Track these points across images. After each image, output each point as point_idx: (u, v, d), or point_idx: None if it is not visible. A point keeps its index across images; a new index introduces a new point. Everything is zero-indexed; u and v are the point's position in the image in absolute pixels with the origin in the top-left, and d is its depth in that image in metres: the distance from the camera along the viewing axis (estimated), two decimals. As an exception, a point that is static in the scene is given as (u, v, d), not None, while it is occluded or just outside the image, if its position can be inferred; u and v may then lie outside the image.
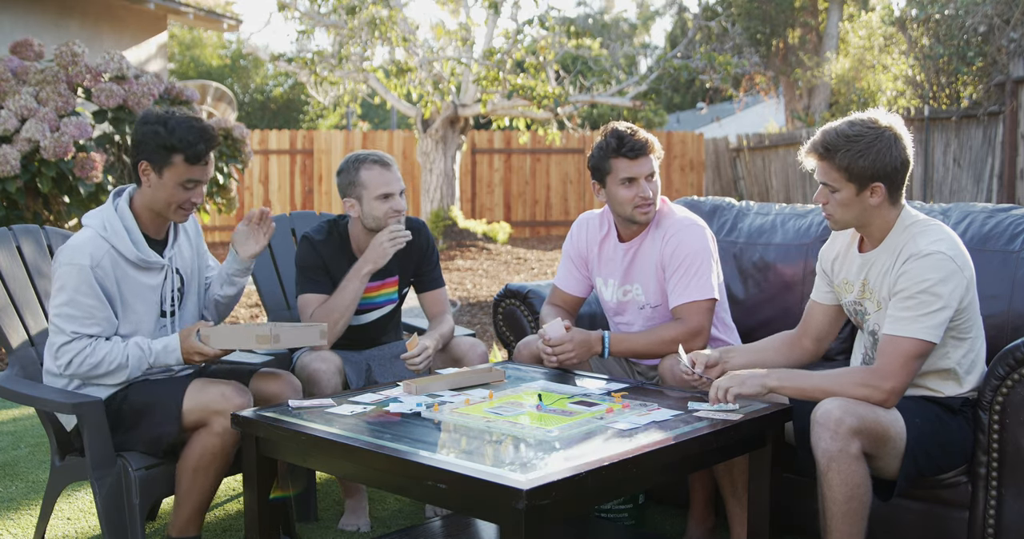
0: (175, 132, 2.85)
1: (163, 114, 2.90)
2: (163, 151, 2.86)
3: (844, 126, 2.71)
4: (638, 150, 3.18)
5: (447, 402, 2.73)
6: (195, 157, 2.88)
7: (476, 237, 12.77)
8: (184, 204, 2.93)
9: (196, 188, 2.93)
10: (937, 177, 11.56)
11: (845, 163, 2.67)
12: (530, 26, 12.32)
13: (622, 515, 3.32)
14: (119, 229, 2.90)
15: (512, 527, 2.07)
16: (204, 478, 2.86)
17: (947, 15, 11.74)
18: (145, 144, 2.88)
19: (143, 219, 2.97)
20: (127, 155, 7.04)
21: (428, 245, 3.62)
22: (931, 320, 2.61)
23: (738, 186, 16.69)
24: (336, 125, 27.28)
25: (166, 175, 2.88)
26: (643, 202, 3.22)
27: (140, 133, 2.89)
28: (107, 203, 2.96)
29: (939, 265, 2.63)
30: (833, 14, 17.62)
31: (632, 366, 3.43)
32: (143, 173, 2.90)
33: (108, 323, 2.87)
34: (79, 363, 2.82)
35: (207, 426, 2.82)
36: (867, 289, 2.81)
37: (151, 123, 2.88)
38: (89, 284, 2.82)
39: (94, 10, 10.10)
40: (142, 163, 2.89)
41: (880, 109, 2.81)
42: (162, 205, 2.93)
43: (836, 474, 2.53)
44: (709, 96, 22.81)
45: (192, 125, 2.87)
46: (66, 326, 2.82)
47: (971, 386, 2.78)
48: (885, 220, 2.77)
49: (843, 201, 2.72)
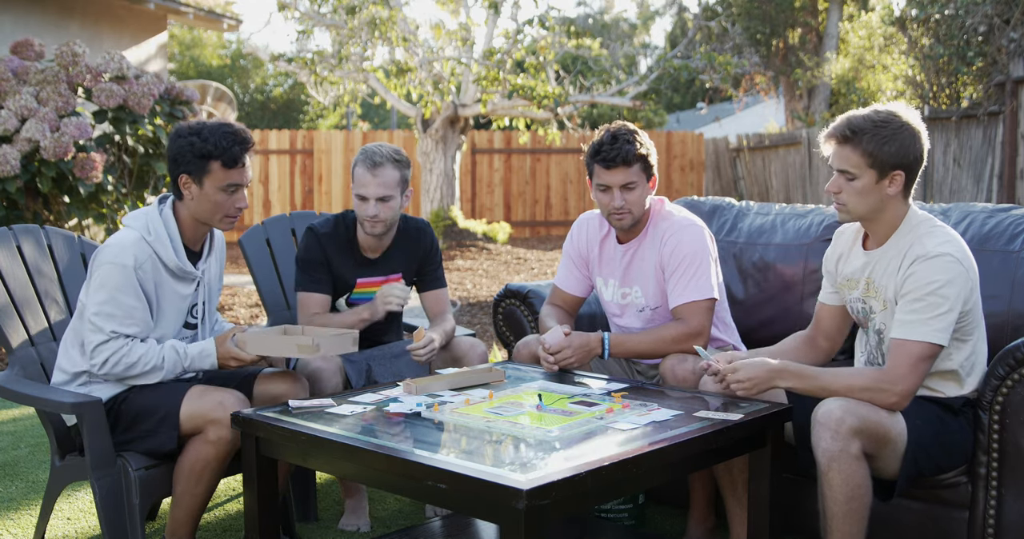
0: (208, 139, 2.88)
1: (195, 125, 2.93)
2: (200, 160, 2.89)
3: (869, 113, 2.71)
4: (610, 161, 3.16)
5: (447, 402, 2.73)
6: (232, 161, 2.90)
7: (476, 237, 12.77)
8: (230, 211, 2.96)
9: (238, 192, 2.95)
10: (937, 177, 11.55)
11: (871, 147, 2.66)
12: (530, 26, 12.32)
13: (622, 515, 3.32)
14: (163, 235, 2.93)
15: (512, 527, 2.07)
16: (197, 485, 2.85)
17: (947, 15, 11.73)
18: (182, 157, 2.90)
19: (184, 229, 3.00)
20: (127, 155, 7.04)
21: (432, 245, 3.63)
22: (939, 322, 2.61)
23: (738, 186, 16.70)
24: (336, 125, 27.28)
25: (206, 183, 2.91)
26: (615, 210, 3.21)
27: (175, 147, 2.91)
28: (151, 207, 2.98)
29: (947, 267, 2.63)
30: (833, 14, 17.62)
31: (632, 366, 3.43)
32: (184, 187, 2.93)
33: (146, 325, 2.89)
34: (115, 362, 2.83)
35: (203, 433, 2.82)
36: (872, 287, 2.81)
37: (184, 136, 2.91)
38: (131, 284, 2.84)
39: (94, 10, 10.10)
40: (182, 177, 2.92)
41: (900, 103, 2.81)
42: (207, 215, 2.96)
43: (837, 474, 2.53)
44: (709, 96, 22.83)
45: (224, 130, 2.91)
46: (105, 325, 2.82)
47: (972, 387, 2.78)
48: (895, 215, 2.76)
49: (861, 189, 2.70)
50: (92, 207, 6.78)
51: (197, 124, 2.94)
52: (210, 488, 2.89)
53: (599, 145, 3.18)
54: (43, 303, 3.21)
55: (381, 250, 3.55)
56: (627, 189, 3.18)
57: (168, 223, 2.97)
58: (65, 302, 3.28)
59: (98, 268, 2.87)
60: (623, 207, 3.19)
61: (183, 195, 2.95)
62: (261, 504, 2.69)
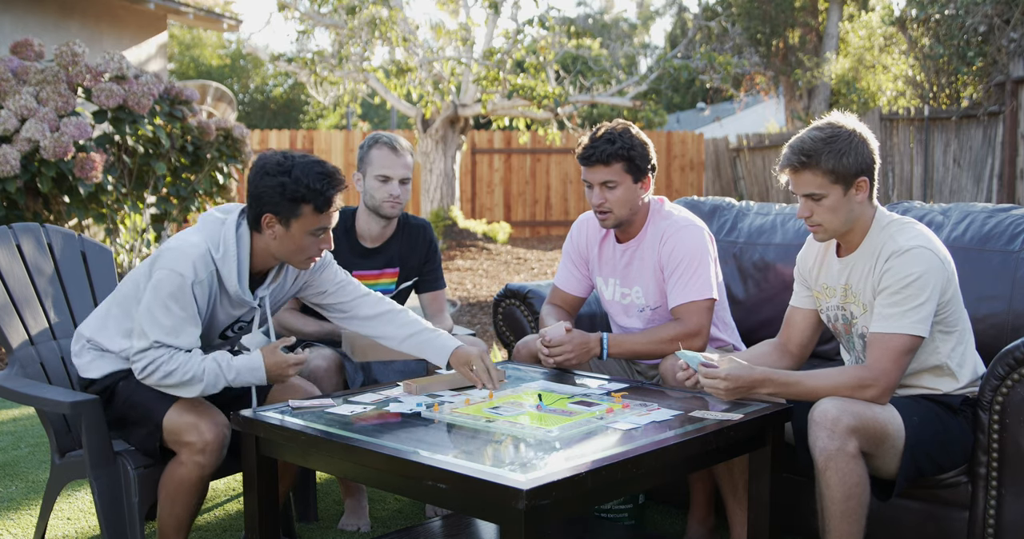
0: (300, 181, 2.67)
1: (284, 162, 2.70)
2: (290, 203, 2.68)
3: (813, 133, 2.71)
4: (586, 159, 3.18)
5: (447, 402, 2.73)
6: (326, 205, 2.71)
7: (476, 237, 12.77)
8: (314, 254, 2.78)
9: (325, 234, 2.77)
10: (937, 177, 11.56)
11: (831, 165, 2.66)
12: (530, 26, 12.32)
13: (622, 515, 3.32)
14: (231, 258, 2.75)
15: (512, 527, 2.07)
16: (172, 505, 2.78)
17: (947, 15, 11.74)
18: (268, 197, 2.69)
19: (254, 255, 2.80)
20: (127, 155, 7.05)
21: (431, 246, 3.64)
22: (917, 314, 2.62)
23: (738, 186, 16.70)
24: (336, 125, 27.28)
25: (294, 226, 2.71)
26: (596, 207, 3.23)
27: (262, 186, 2.70)
28: (230, 222, 2.77)
29: (921, 259, 2.64)
30: (833, 14, 17.62)
31: (632, 366, 3.43)
32: (267, 225, 2.72)
33: (192, 338, 2.73)
34: (152, 370, 2.69)
35: (176, 455, 2.76)
36: (850, 293, 2.81)
37: (272, 175, 2.69)
38: (185, 297, 2.69)
39: (94, 10, 10.10)
40: (266, 216, 2.71)
41: (834, 112, 2.82)
42: (287, 255, 2.78)
43: (834, 473, 2.53)
44: (709, 96, 22.82)
45: (317, 171, 2.69)
46: (150, 332, 2.69)
47: (967, 380, 2.78)
48: (866, 219, 2.78)
49: (832, 206, 2.71)
50: (92, 207, 6.79)
51: (285, 160, 2.71)
52: (189, 508, 2.79)
53: (583, 142, 3.22)
54: (43, 302, 3.21)
55: (382, 240, 3.56)
56: (607, 187, 3.18)
57: (242, 244, 2.77)
58: (65, 301, 3.27)
59: (157, 270, 2.72)
60: (603, 205, 3.20)
61: (263, 230, 2.74)
62: (261, 504, 2.69)
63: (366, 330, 3.03)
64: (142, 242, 7.40)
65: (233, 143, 7.79)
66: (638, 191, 3.22)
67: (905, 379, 2.77)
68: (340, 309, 3.03)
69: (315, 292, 3.02)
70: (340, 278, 3.02)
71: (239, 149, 7.82)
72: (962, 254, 3.18)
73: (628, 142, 3.17)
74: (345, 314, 3.03)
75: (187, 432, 2.73)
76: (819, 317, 2.98)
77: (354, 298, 3.03)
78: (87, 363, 2.93)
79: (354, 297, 3.03)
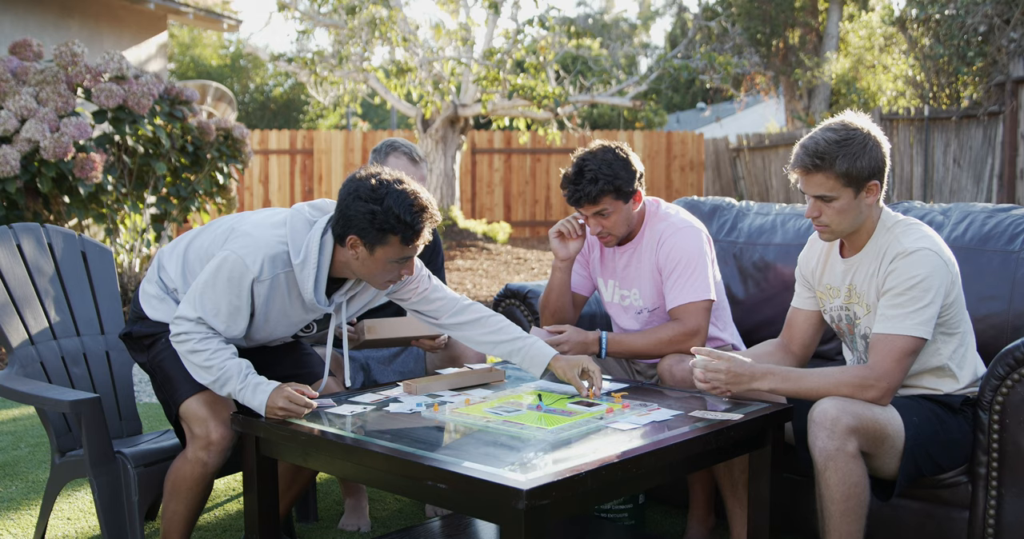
0: (391, 211, 2.57)
1: (378, 189, 2.59)
2: (378, 232, 2.60)
3: (827, 134, 2.67)
4: (575, 201, 3.17)
5: (447, 402, 2.73)
6: (413, 238, 2.64)
7: (476, 237, 12.77)
8: (394, 278, 2.72)
9: (408, 263, 2.71)
10: (937, 177, 11.55)
11: (844, 168, 2.64)
12: (530, 26, 12.33)
13: (622, 515, 3.32)
14: (311, 266, 2.67)
15: (512, 527, 2.07)
16: (174, 501, 2.78)
17: (947, 15, 11.74)
18: (357, 221, 2.60)
19: (335, 265, 2.74)
20: (127, 155, 7.05)
21: (434, 245, 3.63)
22: (921, 316, 2.62)
23: (738, 186, 16.69)
24: (336, 125, 27.28)
25: (378, 252, 2.64)
26: (596, 235, 3.22)
27: (353, 209, 2.60)
28: (317, 227, 2.70)
29: (926, 261, 2.64)
30: (833, 14, 17.62)
31: (631, 366, 3.43)
32: (351, 245, 2.64)
33: (235, 330, 2.70)
34: (184, 340, 2.66)
35: (183, 449, 2.77)
36: (854, 293, 2.81)
37: (364, 201, 2.59)
38: (242, 288, 2.64)
39: (94, 10, 10.09)
40: (351, 237, 2.63)
41: (847, 111, 2.78)
42: (367, 275, 2.72)
43: (834, 473, 2.53)
44: (709, 96, 22.83)
45: (409, 203, 2.59)
46: (198, 305, 2.65)
47: (967, 381, 2.78)
48: (872, 220, 2.77)
49: (842, 208, 2.69)
50: (92, 207, 6.79)
51: (379, 187, 2.60)
52: (190, 505, 2.79)
53: (567, 180, 3.17)
54: (43, 302, 3.21)
55: None
56: (600, 216, 3.18)
57: (324, 254, 2.69)
58: (65, 301, 3.27)
59: (222, 250, 2.66)
60: (601, 232, 3.21)
61: (346, 246, 2.66)
62: (261, 504, 2.69)
63: (456, 334, 2.97)
64: (142, 242, 7.41)
65: (233, 143, 7.79)
66: (631, 208, 3.22)
67: (906, 379, 2.77)
68: (428, 315, 2.97)
69: (398, 299, 2.98)
70: (423, 288, 2.93)
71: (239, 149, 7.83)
72: (962, 254, 3.18)
73: (610, 173, 3.12)
74: (435, 321, 2.97)
75: (197, 425, 2.73)
76: (821, 318, 2.97)
77: (439, 306, 2.95)
78: (152, 298, 2.87)
79: (440, 306, 2.95)
